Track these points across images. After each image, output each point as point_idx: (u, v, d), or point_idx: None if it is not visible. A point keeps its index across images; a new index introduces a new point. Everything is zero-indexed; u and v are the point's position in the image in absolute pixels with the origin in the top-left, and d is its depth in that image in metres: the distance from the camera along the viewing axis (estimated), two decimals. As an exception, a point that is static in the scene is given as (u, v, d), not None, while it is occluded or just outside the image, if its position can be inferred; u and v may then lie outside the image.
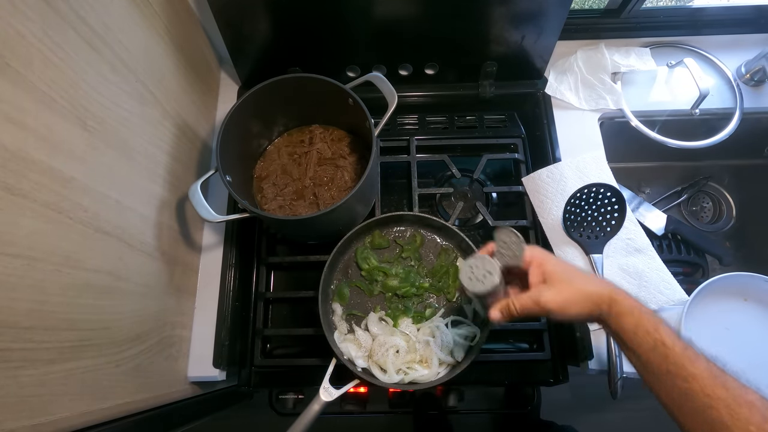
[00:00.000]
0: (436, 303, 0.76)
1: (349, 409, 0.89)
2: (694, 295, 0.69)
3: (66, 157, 0.48)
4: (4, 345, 0.41)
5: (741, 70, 0.94)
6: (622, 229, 0.79)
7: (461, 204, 0.87)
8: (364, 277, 0.77)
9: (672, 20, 0.97)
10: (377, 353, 0.68)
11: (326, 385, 0.69)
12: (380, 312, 0.74)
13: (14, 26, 0.42)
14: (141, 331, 0.63)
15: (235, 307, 0.80)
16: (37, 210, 0.44)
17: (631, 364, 0.50)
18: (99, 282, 0.54)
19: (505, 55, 0.87)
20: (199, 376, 0.77)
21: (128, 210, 0.60)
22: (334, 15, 0.78)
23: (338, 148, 0.84)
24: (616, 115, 0.93)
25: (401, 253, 0.78)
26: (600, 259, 0.78)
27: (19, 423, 0.43)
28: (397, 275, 0.76)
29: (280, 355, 0.82)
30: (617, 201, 0.78)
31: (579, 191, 0.79)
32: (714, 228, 1.08)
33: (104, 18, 0.55)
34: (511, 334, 0.82)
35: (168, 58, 0.72)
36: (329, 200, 0.80)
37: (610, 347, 0.72)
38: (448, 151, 0.90)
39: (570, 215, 0.80)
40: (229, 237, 0.84)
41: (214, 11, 0.76)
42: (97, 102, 0.54)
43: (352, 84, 0.75)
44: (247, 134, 0.79)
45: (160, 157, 0.70)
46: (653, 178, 1.12)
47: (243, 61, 0.88)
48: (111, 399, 0.57)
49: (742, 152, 1.05)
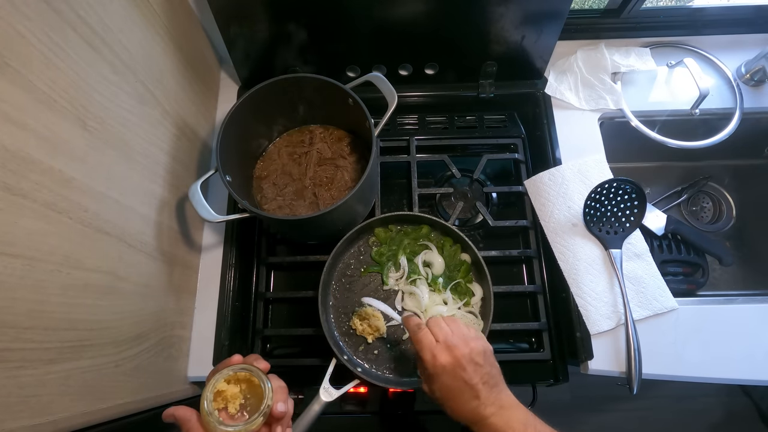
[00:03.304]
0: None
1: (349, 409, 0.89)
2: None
3: (66, 157, 0.48)
4: (4, 345, 0.41)
5: (741, 70, 0.94)
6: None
7: (461, 204, 0.87)
8: (376, 260, 0.78)
9: (672, 20, 0.97)
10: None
11: (326, 385, 0.69)
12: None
13: (14, 26, 0.42)
14: (141, 331, 0.63)
15: (235, 307, 0.80)
16: (37, 210, 0.44)
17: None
18: (99, 282, 0.54)
19: (505, 55, 0.87)
20: (199, 376, 0.77)
21: (128, 210, 0.60)
22: (334, 15, 0.78)
23: (338, 148, 0.84)
24: (616, 115, 0.93)
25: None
26: (619, 254, 0.78)
27: (19, 423, 0.43)
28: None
29: (280, 355, 0.82)
30: (638, 197, 0.78)
31: (600, 186, 0.78)
32: (714, 228, 1.08)
33: (104, 18, 0.55)
34: (511, 334, 0.82)
35: (168, 58, 0.72)
36: (329, 200, 0.80)
37: (630, 348, 0.72)
38: (448, 151, 0.90)
39: (591, 210, 0.80)
40: (229, 237, 0.84)
41: (214, 11, 0.76)
42: (97, 102, 0.54)
43: (352, 84, 0.75)
44: (247, 134, 0.79)
45: (160, 157, 0.70)
46: (653, 178, 1.12)
47: (243, 61, 0.88)
48: (111, 399, 0.57)
49: (742, 152, 1.05)
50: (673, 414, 1.52)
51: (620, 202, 0.79)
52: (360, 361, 0.73)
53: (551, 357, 0.77)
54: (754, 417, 1.50)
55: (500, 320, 0.76)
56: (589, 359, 0.75)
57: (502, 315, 0.76)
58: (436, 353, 0.55)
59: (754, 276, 1.04)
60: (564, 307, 0.79)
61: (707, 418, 1.51)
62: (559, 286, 0.80)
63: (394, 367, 0.73)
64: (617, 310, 0.76)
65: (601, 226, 0.80)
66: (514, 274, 0.85)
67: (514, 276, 0.85)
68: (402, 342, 0.74)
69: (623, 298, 0.74)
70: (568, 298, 0.78)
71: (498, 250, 0.82)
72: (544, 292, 0.82)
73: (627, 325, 0.73)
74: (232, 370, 0.53)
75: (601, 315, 0.76)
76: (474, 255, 0.75)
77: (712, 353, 0.75)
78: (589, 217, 0.80)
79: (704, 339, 0.76)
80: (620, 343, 0.75)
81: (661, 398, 1.53)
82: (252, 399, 0.54)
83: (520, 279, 0.85)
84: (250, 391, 0.54)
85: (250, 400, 0.54)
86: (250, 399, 0.54)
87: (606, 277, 0.78)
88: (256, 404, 0.52)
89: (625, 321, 0.74)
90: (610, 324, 0.75)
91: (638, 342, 0.72)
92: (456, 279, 0.76)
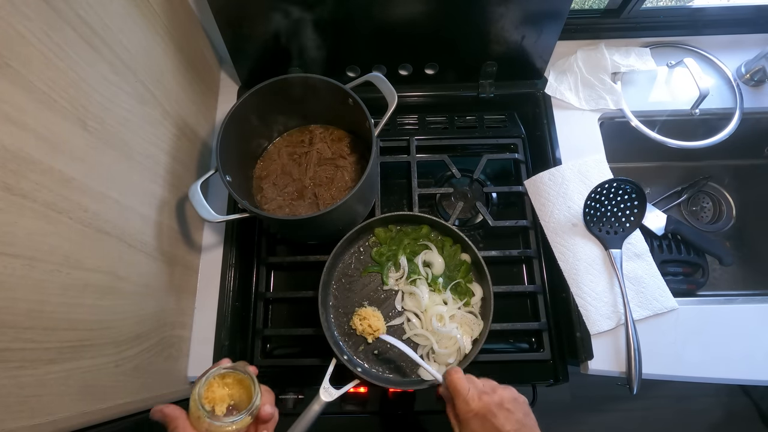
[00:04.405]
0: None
1: (349, 409, 0.89)
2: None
3: (66, 157, 0.48)
4: (4, 345, 0.41)
5: (741, 70, 0.94)
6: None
7: (461, 204, 0.87)
8: (376, 260, 0.78)
9: (672, 20, 0.97)
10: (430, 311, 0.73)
11: (326, 386, 0.69)
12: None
13: (14, 26, 0.42)
14: (141, 331, 0.63)
15: (235, 307, 0.80)
16: (37, 210, 0.44)
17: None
18: (99, 282, 0.54)
19: (505, 55, 0.87)
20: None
21: (128, 210, 0.60)
22: (335, 15, 0.78)
23: (338, 148, 0.84)
24: (616, 115, 0.93)
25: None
26: (619, 254, 0.78)
27: (19, 423, 0.43)
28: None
29: (280, 355, 0.82)
30: (638, 197, 0.78)
31: (600, 186, 0.78)
32: (714, 228, 1.09)
33: (104, 18, 0.55)
34: (511, 334, 0.82)
35: (168, 58, 0.72)
36: (329, 200, 0.80)
37: (630, 348, 0.72)
38: (448, 151, 0.90)
39: (591, 210, 0.80)
40: (229, 237, 0.84)
41: (214, 11, 0.76)
42: (97, 102, 0.54)
43: (352, 84, 0.75)
44: (247, 134, 0.79)
45: (160, 157, 0.70)
46: (653, 178, 1.12)
47: (243, 61, 0.88)
48: (111, 399, 0.57)
49: (742, 152, 1.05)
50: (673, 414, 1.52)
51: (620, 202, 0.79)
52: (360, 361, 0.73)
53: (551, 357, 0.77)
54: (754, 417, 1.50)
55: (500, 320, 0.76)
56: (589, 359, 0.75)
57: (502, 315, 0.76)
58: (468, 399, 0.56)
59: (754, 276, 1.04)
60: (564, 307, 0.79)
61: (707, 418, 1.51)
62: (559, 286, 0.80)
63: (394, 367, 0.73)
64: (617, 310, 0.76)
65: (601, 226, 0.80)
66: (514, 274, 0.85)
67: (514, 276, 0.85)
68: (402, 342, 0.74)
69: (623, 298, 0.74)
70: (568, 298, 0.78)
71: (498, 250, 0.82)
72: (544, 292, 0.82)
73: (627, 325, 0.73)
74: (221, 370, 0.54)
75: (601, 315, 0.76)
76: (474, 255, 0.75)
77: (712, 353, 0.75)
78: (589, 217, 0.80)
79: (704, 339, 0.76)
80: (620, 343, 0.75)
81: (661, 398, 1.53)
82: (239, 403, 0.55)
83: (520, 279, 0.85)
84: (237, 394, 0.55)
85: (238, 404, 0.55)
86: (238, 403, 0.55)
87: (606, 277, 0.78)
88: (243, 407, 0.53)
89: (625, 321, 0.74)
90: (610, 324, 0.75)
91: (638, 342, 0.72)
92: (456, 279, 0.76)
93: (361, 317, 0.74)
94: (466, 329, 0.73)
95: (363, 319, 0.74)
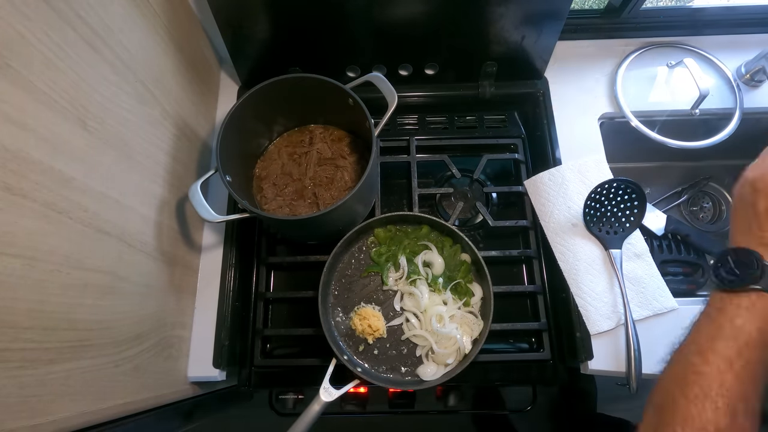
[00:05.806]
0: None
1: (349, 409, 0.90)
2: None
3: (66, 157, 0.48)
4: (4, 345, 0.41)
5: (741, 70, 0.94)
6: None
7: (461, 204, 0.87)
8: (375, 260, 0.78)
9: (672, 20, 0.97)
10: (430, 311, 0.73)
11: (326, 386, 0.69)
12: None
13: (14, 26, 0.42)
14: (141, 331, 0.63)
15: (235, 307, 0.80)
16: (37, 210, 0.44)
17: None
18: (99, 282, 0.54)
19: (505, 55, 0.87)
20: (199, 376, 0.77)
21: (128, 210, 0.60)
22: (335, 15, 0.78)
23: (338, 148, 0.84)
24: (616, 115, 0.93)
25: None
26: (619, 254, 0.78)
27: (19, 423, 0.43)
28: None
29: (280, 355, 0.82)
30: (638, 197, 0.78)
31: (600, 186, 0.78)
32: (714, 228, 1.08)
33: (104, 18, 0.55)
34: (511, 334, 0.81)
35: (168, 58, 0.72)
36: (329, 200, 0.80)
37: (629, 348, 0.72)
38: (448, 151, 0.90)
39: (591, 210, 0.80)
40: (229, 237, 0.84)
41: (214, 11, 0.76)
42: (97, 102, 0.54)
43: (352, 84, 0.75)
44: (247, 134, 0.79)
45: (160, 157, 0.70)
46: (653, 178, 1.12)
47: (243, 61, 0.88)
48: (111, 399, 0.57)
49: (742, 152, 1.05)
50: (673, 414, 1.51)
51: (620, 203, 0.79)
52: (360, 361, 0.73)
53: (551, 357, 0.77)
54: (754, 417, 1.50)
55: (500, 320, 0.76)
56: (589, 359, 0.75)
57: (502, 315, 0.76)
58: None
59: (754, 276, 1.03)
60: (564, 307, 0.79)
61: (707, 418, 1.50)
62: (559, 286, 0.80)
63: (394, 367, 0.73)
64: (617, 310, 0.76)
65: (601, 226, 0.80)
66: (514, 274, 0.85)
67: (514, 276, 0.85)
68: (402, 342, 0.74)
69: (623, 298, 0.74)
70: (568, 298, 0.78)
71: (498, 250, 0.82)
72: (544, 292, 0.82)
73: (627, 325, 0.73)
74: None
75: (601, 315, 0.76)
76: (474, 255, 0.75)
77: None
78: (589, 217, 0.80)
79: (704, 339, 0.76)
80: (620, 343, 0.75)
81: (661, 398, 1.53)
82: None
83: (520, 279, 0.85)
84: None
85: None
86: None
87: (606, 277, 0.78)
88: None
89: (625, 321, 0.73)
90: (610, 324, 0.75)
91: (638, 342, 0.72)
92: (456, 279, 0.76)
93: (361, 317, 0.74)
94: (466, 329, 0.73)
95: (363, 319, 0.74)
